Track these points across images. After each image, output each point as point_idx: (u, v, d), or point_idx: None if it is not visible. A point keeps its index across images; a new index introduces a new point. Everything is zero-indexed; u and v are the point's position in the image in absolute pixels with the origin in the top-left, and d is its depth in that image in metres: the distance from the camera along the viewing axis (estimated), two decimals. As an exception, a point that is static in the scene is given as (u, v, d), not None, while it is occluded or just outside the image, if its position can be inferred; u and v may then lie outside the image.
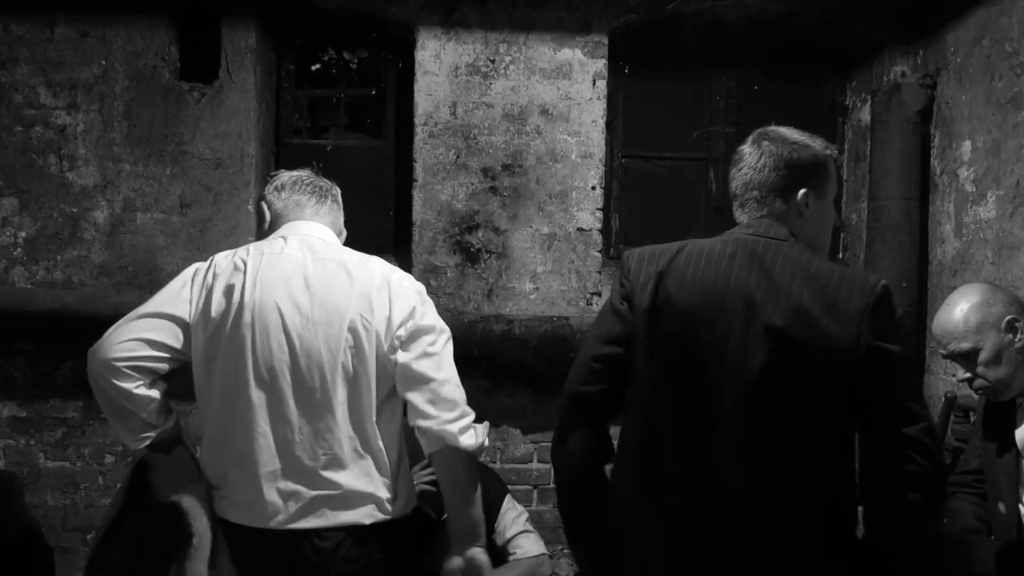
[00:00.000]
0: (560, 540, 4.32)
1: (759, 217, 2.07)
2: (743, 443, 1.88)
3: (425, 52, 4.18)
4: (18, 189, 4.09)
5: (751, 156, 2.13)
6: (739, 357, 1.89)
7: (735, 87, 4.63)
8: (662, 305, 1.97)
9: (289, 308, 2.24)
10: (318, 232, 2.41)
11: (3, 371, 4.14)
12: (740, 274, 1.95)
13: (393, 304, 2.29)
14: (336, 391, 2.22)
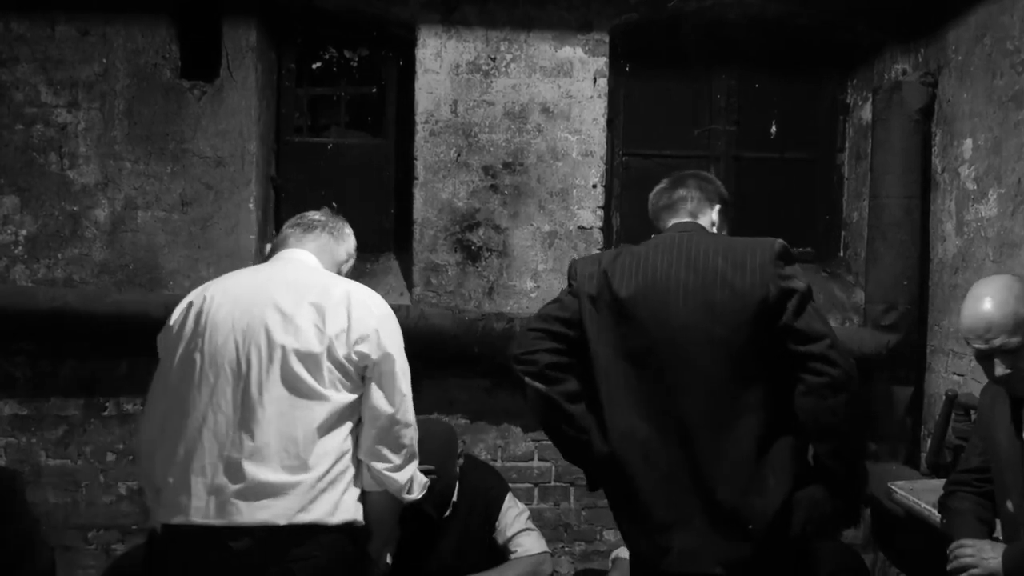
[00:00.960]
0: (560, 538, 4.33)
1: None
2: (695, 389, 2.27)
3: (426, 50, 4.18)
4: (19, 187, 4.09)
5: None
6: (681, 321, 2.28)
7: (736, 85, 4.63)
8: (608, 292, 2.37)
9: (239, 310, 2.33)
10: (296, 255, 2.52)
11: (4, 369, 4.14)
12: (668, 259, 2.39)
13: (352, 319, 2.34)
14: (271, 389, 2.26)
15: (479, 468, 3.60)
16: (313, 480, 2.25)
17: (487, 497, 3.49)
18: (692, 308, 2.28)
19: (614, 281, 2.38)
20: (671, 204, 2.62)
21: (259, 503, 2.21)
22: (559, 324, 2.42)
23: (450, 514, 3.45)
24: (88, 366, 4.16)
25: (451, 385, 4.28)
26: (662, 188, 2.68)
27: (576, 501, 4.38)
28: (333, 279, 2.47)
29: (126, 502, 4.17)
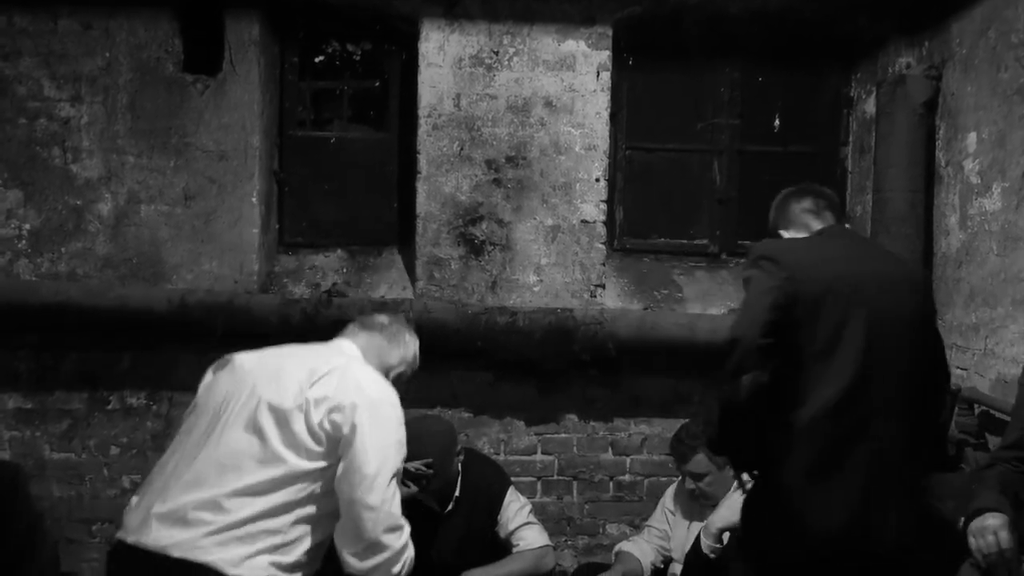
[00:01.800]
0: (563, 531, 4.33)
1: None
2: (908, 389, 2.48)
3: (429, 44, 4.17)
4: (22, 181, 4.10)
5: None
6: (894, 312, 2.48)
7: (739, 79, 4.62)
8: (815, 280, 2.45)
9: (251, 364, 2.44)
10: (340, 343, 2.60)
11: (8, 363, 4.15)
12: (860, 251, 2.63)
13: (337, 388, 2.34)
14: (233, 430, 2.30)
15: (480, 462, 3.60)
16: (223, 524, 2.21)
17: (489, 492, 3.50)
18: (895, 296, 2.50)
19: (822, 267, 2.48)
20: (816, 209, 2.77)
21: (169, 530, 2.21)
22: (773, 311, 2.43)
23: (452, 509, 3.45)
24: (91, 360, 4.17)
25: (454, 379, 4.28)
26: (800, 195, 2.84)
27: (579, 495, 4.39)
28: (349, 357, 2.48)
29: (130, 495, 4.15)
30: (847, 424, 2.38)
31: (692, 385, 4.37)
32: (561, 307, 4.19)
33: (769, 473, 2.45)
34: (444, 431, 3.43)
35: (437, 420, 3.63)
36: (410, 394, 4.19)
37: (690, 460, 3.43)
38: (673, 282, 4.50)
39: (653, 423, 4.39)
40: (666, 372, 4.34)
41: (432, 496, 3.41)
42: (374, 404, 2.35)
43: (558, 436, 4.36)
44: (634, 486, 4.41)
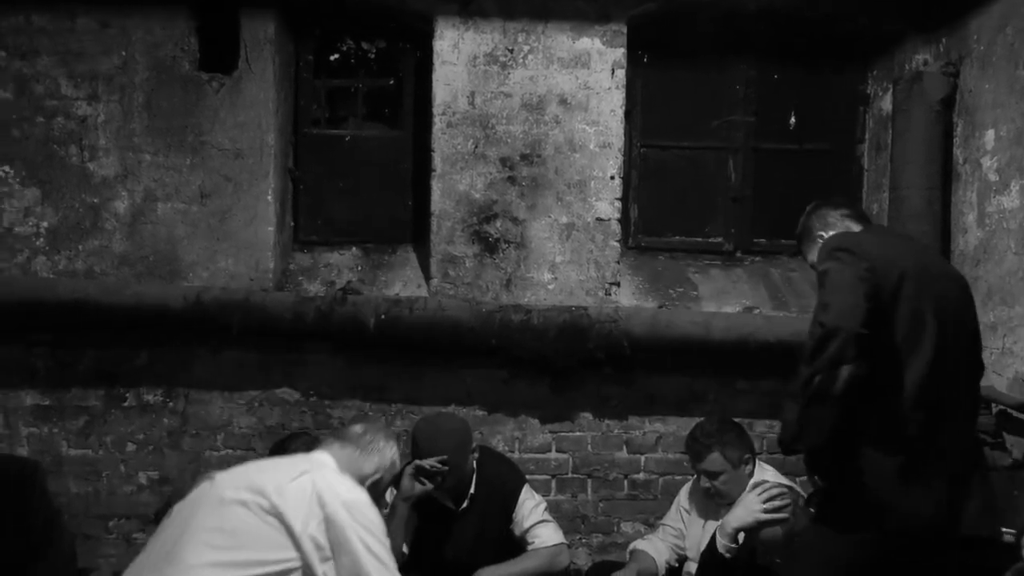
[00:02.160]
0: (577, 529, 4.33)
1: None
2: (966, 377, 2.61)
3: (443, 42, 4.17)
4: (40, 180, 4.12)
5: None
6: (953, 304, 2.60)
7: (755, 76, 4.60)
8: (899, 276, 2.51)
9: (229, 475, 2.46)
10: (315, 454, 2.62)
11: (26, 360, 4.17)
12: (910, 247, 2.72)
13: (309, 500, 2.36)
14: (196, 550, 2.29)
15: (496, 460, 3.60)
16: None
17: (504, 489, 3.50)
18: (949, 288, 2.61)
19: (895, 259, 2.54)
20: (853, 214, 2.84)
21: None
22: (868, 300, 2.47)
23: (467, 506, 3.46)
24: (108, 357, 4.19)
25: (468, 376, 4.28)
26: (834, 203, 2.89)
27: (593, 493, 4.38)
28: (322, 465, 2.52)
29: (146, 491, 4.20)
30: (931, 413, 2.45)
31: (707, 383, 4.36)
32: (575, 305, 4.19)
33: (856, 465, 2.47)
34: (459, 428, 3.43)
35: (452, 417, 3.63)
36: (424, 392, 4.25)
37: (705, 458, 3.41)
38: (688, 280, 4.49)
39: (668, 421, 4.38)
40: (681, 370, 4.33)
41: (447, 493, 3.42)
42: (350, 505, 2.39)
43: (572, 434, 4.36)
44: (649, 484, 4.40)
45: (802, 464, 2.69)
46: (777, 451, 4.33)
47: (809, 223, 2.85)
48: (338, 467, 2.56)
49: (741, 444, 3.46)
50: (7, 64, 4.08)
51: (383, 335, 4.09)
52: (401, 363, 4.26)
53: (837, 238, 2.61)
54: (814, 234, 2.81)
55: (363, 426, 2.75)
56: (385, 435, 2.75)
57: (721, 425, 3.49)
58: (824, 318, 2.40)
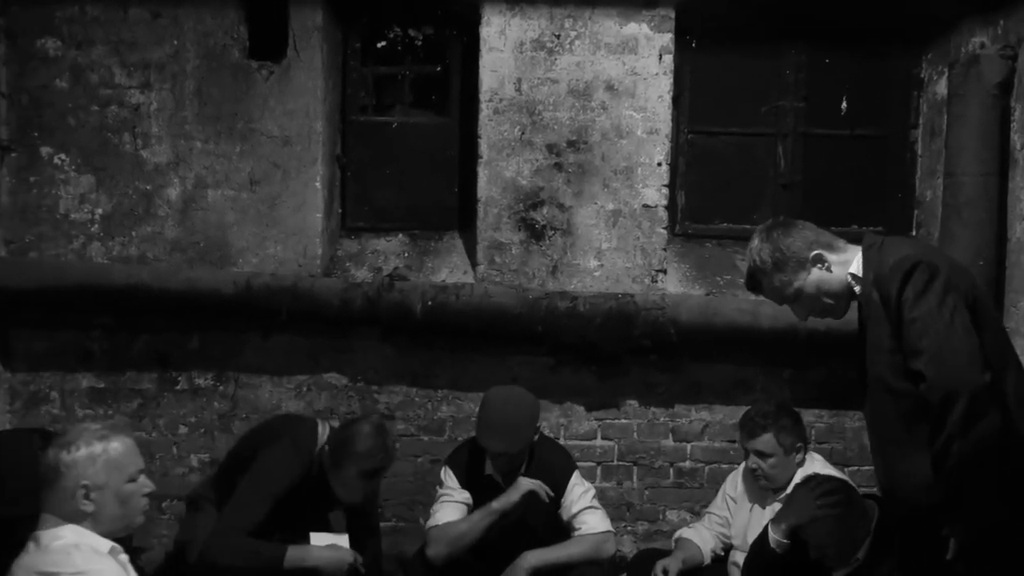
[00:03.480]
0: (623, 517, 4.33)
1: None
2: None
3: (490, 28, 4.17)
4: (94, 167, 4.20)
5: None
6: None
7: (805, 60, 4.53)
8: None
9: None
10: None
11: (82, 344, 4.27)
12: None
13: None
14: None
15: (549, 445, 3.63)
16: None
17: (554, 473, 3.51)
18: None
19: (961, 273, 2.41)
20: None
21: None
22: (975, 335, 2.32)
23: None
24: (161, 341, 4.27)
25: (514, 363, 4.29)
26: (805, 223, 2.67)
27: (639, 481, 4.37)
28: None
29: (197, 473, 4.28)
30: None
31: (754, 372, 4.32)
32: (622, 292, 4.17)
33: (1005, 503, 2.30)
34: (530, 402, 3.49)
35: (524, 392, 3.61)
36: (470, 378, 4.26)
37: (758, 437, 3.40)
38: (736, 267, 4.45)
39: (714, 409, 4.35)
40: (728, 358, 4.30)
41: (500, 468, 3.46)
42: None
43: (618, 421, 4.35)
44: (695, 473, 4.38)
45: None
46: (825, 441, 4.31)
47: (816, 237, 2.53)
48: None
49: (796, 432, 3.44)
50: (63, 53, 4.15)
51: (429, 321, 4.11)
52: (447, 349, 4.28)
53: (920, 256, 2.34)
54: (814, 254, 2.49)
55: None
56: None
57: (779, 409, 3.49)
58: (936, 374, 2.19)
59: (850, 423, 4.37)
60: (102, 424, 2.50)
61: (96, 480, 2.40)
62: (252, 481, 3.19)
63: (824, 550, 2.97)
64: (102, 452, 2.44)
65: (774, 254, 2.51)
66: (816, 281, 2.50)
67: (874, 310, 2.40)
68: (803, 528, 2.96)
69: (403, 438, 4.34)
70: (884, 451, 2.46)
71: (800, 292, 2.52)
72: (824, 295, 2.51)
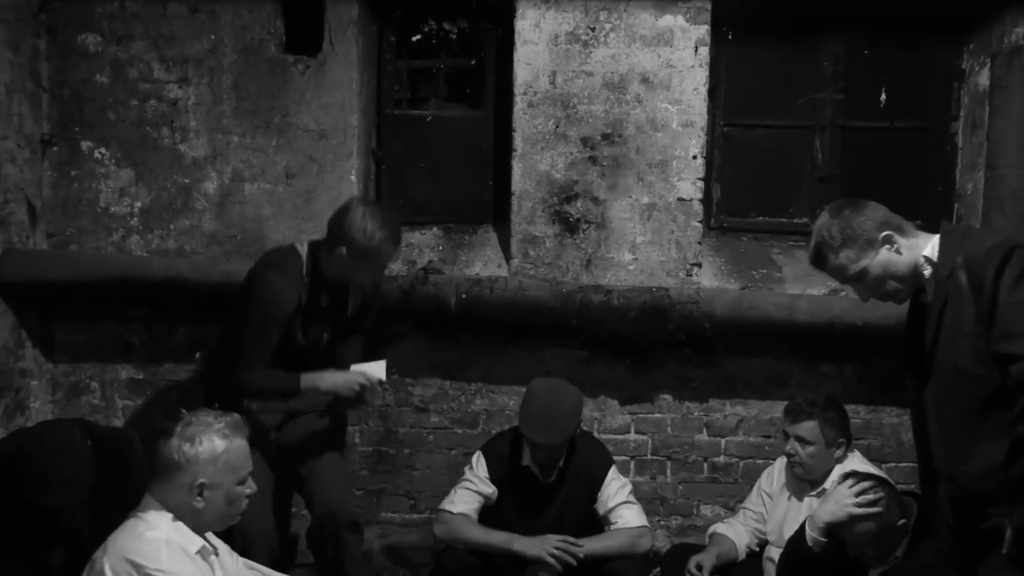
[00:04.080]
0: (656, 512, 4.32)
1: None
2: None
3: (524, 21, 4.16)
4: (134, 161, 4.25)
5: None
6: None
7: (844, 52, 4.47)
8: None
9: None
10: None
11: (121, 335, 4.33)
12: None
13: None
14: None
15: (587, 439, 3.65)
16: None
17: (592, 468, 3.52)
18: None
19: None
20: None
21: None
22: None
23: (555, 479, 3.50)
24: (199, 333, 4.31)
25: (548, 356, 4.29)
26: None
27: (673, 475, 4.36)
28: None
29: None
30: None
31: (790, 366, 4.29)
32: (656, 286, 4.16)
33: None
34: (575, 397, 3.50)
35: (568, 386, 3.62)
36: (504, 371, 4.27)
37: (801, 423, 3.39)
38: (771, 261, 4.41)
39: (749, 405, 4.32)
40: (764, 353, 4.27)
41: (539, 460, 3.47)
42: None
43: (652, 416, 4.34)
44: (729, 468, 4.36)
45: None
46: (863, 437, 4.26)
47: (887, 218, 2.50)
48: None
49: (840, 426, 3.43)
50: (103, 49, 4.21)
51: (464, 314, 4.13)
52: (481, 342, 4.29)
53: (1010, 243, 2.31)
54: (872, 235, 2.46)
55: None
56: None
57: (828, 401, 3.50)
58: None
59: (888, 419, 4.32)
60: (222, 420, 2.51)
61: (213, 479, 2.44)
62: (251, 320, 3.26)
63: (862, 549, 2.95)
64: (224, 452, 2.47)
65: (844, 231, 2.48)
66: (884, 262, 2.46)
67: (957, 293, 2.35)
68: (841, 526, 2.93)
69: (436, 431, 4.37)
70: (951, 437, 2.41)
71: (865, 272, 2.47)
72: (891, 277, 2.47)
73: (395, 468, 4.39)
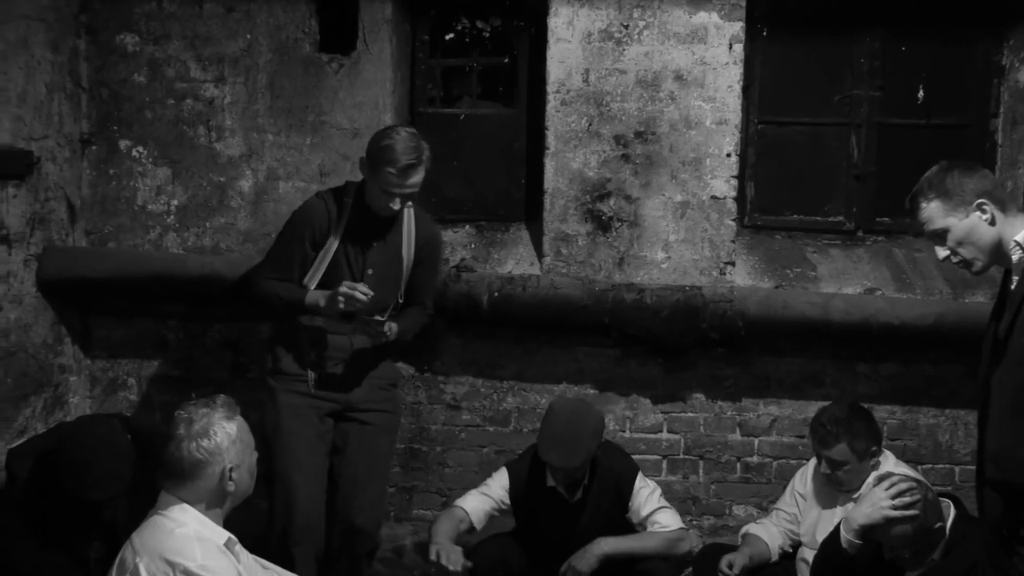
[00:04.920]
0: (688, 511, 4.30)
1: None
2: None
3: (558, 19, 4.15)
4: (171, 159, 4.31)
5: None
6: None
7: (880, 48, 4.42)
8: None
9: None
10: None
11: (158, 332, 4.39)
12: None
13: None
14: None
15: (609, 451, 3.58)
16: None
17: (619, 480, 3.50)
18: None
19: None
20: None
21: None
22: None
23: (581, 496, 3.48)
24: (233, 330, 4.36)
25: (580, 354, 4.29)
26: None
27: (705, 475, 4.34)
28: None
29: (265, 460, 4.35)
30: None
31: (825, 366, 4.25)
32: (689, 284, 4.14)
33: None
34: (596, 418, 3.47)
35: (588, 405, 3.66)
36: (536, 369, 4.27)
37: (832, 447, 3.32)
38: (806, 260, 4.37)
39: (783, 404, 4.29)
40: (798, 352, 4.23)
41: (560, 481, 3.45)
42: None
43: (684, 415, 4.32)
44: (762, 468, 4.33)
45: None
46: (898, 438, 4.22)
47: (992, 186, 2.48)
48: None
49: (869, 435, 3.36)
50: (141, 49, 4.26)
51: (496, 312, 4.13)
52: (513, 340, 4.29)
53: None
54: (968, 198, 2.44)
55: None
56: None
57: (851, 413, 3.38)
58: None
59: (924, 419, 4.27)
60: (216, 405, 2.56)
61: (236, 461, 2.52)
62: (279, 235, 3.50)
63: (899, 551, 2.91)
64: (237, 432, 2.54)
65: (943, 185, 2.46)
66: (969, 227, 2.43)
67: None
68: (877, 529, 2.89)
69: (468, 428, 4.38)
70: (1006, 421, 2.38)
71: (948, 230, 2.46)
72: (971, 244, 2.44)
73: (427, 465, 4.41)
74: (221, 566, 2.42)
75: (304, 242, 3.36)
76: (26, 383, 3.98)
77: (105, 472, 3.00)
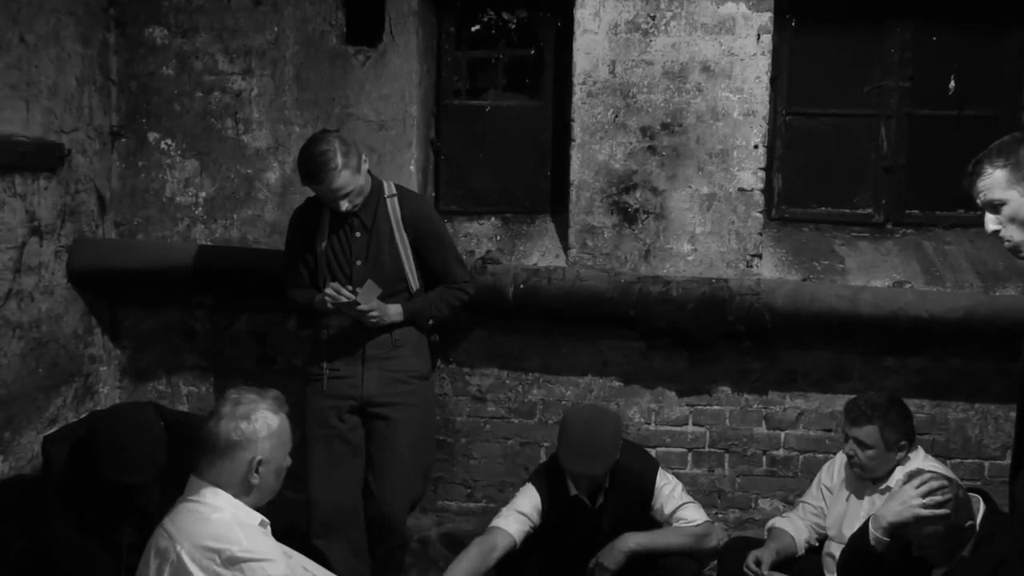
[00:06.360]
0: (714, 504, 4.29)
1: None
2: None
3: (584, 10, 4.14)
4: (199, 152, 4.34)
5: None
6: None
7: (911, 39, 4.37)
8: None
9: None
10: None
11: (186, 323, 4.43)
12: None
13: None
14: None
15: (627, 451, 3.52)
16: None
17: (640, 479, 3.48)
18: None
19: None
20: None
21: None
22: None
23: (603, 500, 3.46)
24: (260, 321, 4.39)
25: (605, 347, 4.28)
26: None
27: (731, 468, 4.32)
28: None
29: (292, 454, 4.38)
30: None
31: (852, 359, 4.22)
32: (716, 277, 4.12)
33: None
34: (614, 424, 3.45)
35: (606, 411, 3.63)
36: (561, 361, 4.27)
37: (862, 427, 3.31)
38: (834, 252, 4.34)
39: (810, 398, 4.27)
40: (825, 345, 4.20)
41: (581, 489, 3.44)
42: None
43: (710, 408, 4.31)
44: (788, 461, 4.31)
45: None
46: (926, 432, 4.18)
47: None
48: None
49: (902, 427, 3.34)
50: (169, 42, 4.29)
51: (521, 304, 4.13)
52: (538, 332, 4.29)
53: None
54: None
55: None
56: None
57: (890, 402, 3.38)
58: None
59: (953, 414, 4.23)
60: (267, 396, 2.57)
61: (268, 455, 2.48)
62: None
63: (928, 549, 2.88)
64: (278, 427, 2.52)
65: (1013, 154, 2.38)
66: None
67: None
68: (906, 527, 2.86)
69: (493, 420, 4.39)
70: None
71: (1005, 203, 2.39)
72: (1022, 222, 2.38)
73: (452, 456, 4.42)
74: (267, 547, 2.41)
75: (299, 246, 3.57)
76: (57, 373, 4.03)
77: (140, 455, 3.04)
